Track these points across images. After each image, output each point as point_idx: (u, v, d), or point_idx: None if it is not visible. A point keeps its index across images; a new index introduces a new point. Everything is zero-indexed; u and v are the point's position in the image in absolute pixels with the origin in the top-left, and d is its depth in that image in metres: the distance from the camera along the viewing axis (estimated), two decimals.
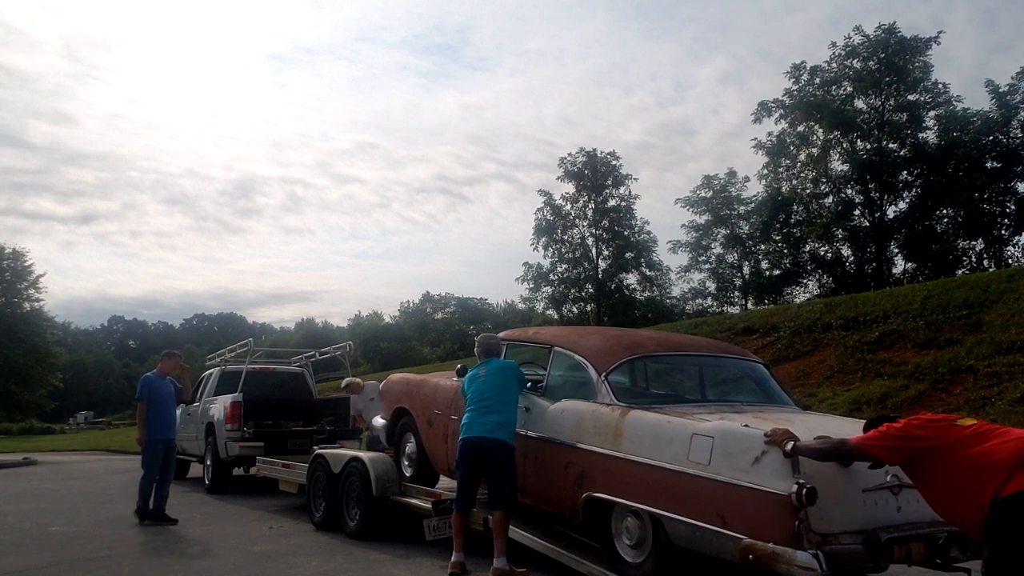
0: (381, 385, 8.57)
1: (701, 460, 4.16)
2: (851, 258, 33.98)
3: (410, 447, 7.47)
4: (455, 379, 6.71)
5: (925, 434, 3.46)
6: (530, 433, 5.54)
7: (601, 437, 4.90)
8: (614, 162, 40.71)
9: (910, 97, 31.63)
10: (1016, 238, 30.04)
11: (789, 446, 3.81)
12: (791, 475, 3.76)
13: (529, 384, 5.80)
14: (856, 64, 31.98)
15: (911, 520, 3.91)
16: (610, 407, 5.01)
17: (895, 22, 31.13)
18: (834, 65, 32.52)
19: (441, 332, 61.04)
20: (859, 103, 32.68)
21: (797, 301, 30.75)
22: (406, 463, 7.43)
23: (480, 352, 5.94)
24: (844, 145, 32.85)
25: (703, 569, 4.56)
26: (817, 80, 32.74)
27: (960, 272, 28.36)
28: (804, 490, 3.67)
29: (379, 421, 8.20)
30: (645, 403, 5.09)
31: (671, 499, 4.33)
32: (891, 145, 31.89)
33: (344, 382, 11.23)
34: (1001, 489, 3.11)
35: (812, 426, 4.21)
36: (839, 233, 33.22)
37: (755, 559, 3.81)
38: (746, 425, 4.23)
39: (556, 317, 40.59)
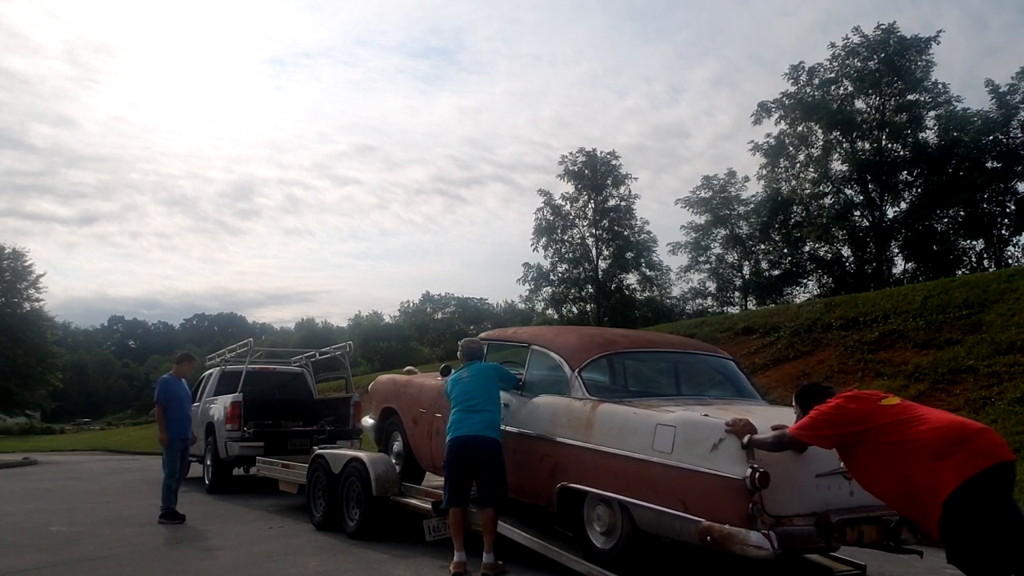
0: (369, 387, 8.75)
1: (664, 449, 4.36)
2: (851, 258, 33.88)
3: (397, 445, 7.69)
4: (439, 379, 6.90)
5: (850, 418, 3.63)
6: (509, 428, 5.70)
7: (574, 430, 5.09)
8: (614, 162, 40.51)
9: (910, 97, 31.54)
10: (1016, 238, 29.88)
11: (746, 439, 4.01)
12: (745, 460, 3.95)
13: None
14: (856, 63, 31.99)
15: (864, 504, 4.08)
16: (582, 401, 5.21)
17: (894, 22, 31.25)
18: (835, 64, 32.54)
19: (441, 332, 60.86)
20: (859, 103, 32.60)
21: (797, 301, 30.72)
22: (394, 461, 7.58)
23: (463, 356, 6.10)
24: (844, 145, 32.84)
25: (671, 555, 4.75)
26: (816, 81, 32.77)
27: (960, 272, 28.25)
28: (757, 474, 3.87)
29: (368, 421, 8.39)
30: (615, 397, 5.28)
31: (637, 487, 4.52)
32: (891, 145, 31.87)
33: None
34: (944, 489, 3.27)
35: (771, 418, 4.38)
36: (839, 233, 33.18)
37: (712, 540, 4.00)
38: (706, 415, 4.42)
39: (556, 317, 40.37)
